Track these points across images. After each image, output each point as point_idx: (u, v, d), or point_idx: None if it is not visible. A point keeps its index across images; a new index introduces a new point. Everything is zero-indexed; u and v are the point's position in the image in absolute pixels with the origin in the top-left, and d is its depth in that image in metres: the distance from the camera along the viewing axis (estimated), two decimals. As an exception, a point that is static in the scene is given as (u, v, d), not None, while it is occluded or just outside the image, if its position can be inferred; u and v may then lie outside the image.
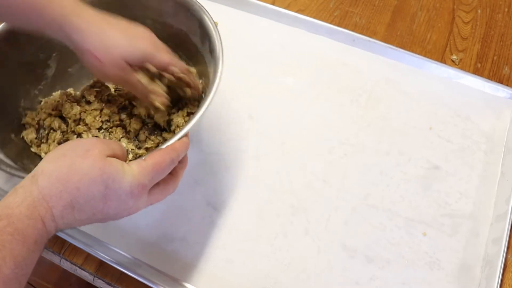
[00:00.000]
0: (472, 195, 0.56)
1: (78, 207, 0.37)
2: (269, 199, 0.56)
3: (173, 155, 0.42)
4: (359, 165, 0.59)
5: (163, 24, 0.57)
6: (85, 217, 0.38)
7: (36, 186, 0.35)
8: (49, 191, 0.36)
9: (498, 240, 0.52)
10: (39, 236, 0.35)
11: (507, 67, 0.68)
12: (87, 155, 0.37)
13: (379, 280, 0.51)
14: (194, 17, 0.54)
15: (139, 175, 0.39)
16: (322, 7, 0.75)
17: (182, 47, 0.58)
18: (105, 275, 0.53)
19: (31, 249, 0.34)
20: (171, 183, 0.44)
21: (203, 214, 0.55)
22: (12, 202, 0.34)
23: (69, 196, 0.36)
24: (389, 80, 0.65)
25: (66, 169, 0.37)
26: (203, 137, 0.61)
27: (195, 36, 0.55)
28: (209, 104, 0.46)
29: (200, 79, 0.57)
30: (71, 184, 0.36)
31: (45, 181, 0.36)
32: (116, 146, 0.41)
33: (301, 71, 0.67)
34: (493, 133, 0.61)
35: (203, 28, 0.53)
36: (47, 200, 0.35)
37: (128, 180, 0.38)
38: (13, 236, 0.33)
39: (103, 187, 0.37)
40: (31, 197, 0.35)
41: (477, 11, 0.74)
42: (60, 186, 0.36)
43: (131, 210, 0.40)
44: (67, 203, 0.36)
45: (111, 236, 0.54)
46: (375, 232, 0.54)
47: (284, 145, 0.60)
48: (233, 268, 0.52)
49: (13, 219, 0.33)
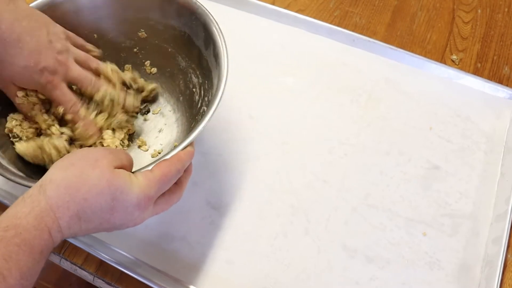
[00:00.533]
0: (472, 195, 0.56)
1: (85, 218, 0.37)
2: (269, 199, 0.56)
3: (179, 166, 0.42)
4: (359, 165, 0.59)
5: (166, 25, 0.57)
6: (91, 227, 0.38)
7: (44, 196, 0.36)
8: (57, 201, 0.36)
9: (498, 240, 0.52)
10: (45, 247, 0.35)
11: (507, 67, 0.68)
12: (96, 165, 0.38)
13: (379, 280, 0.51)
14: (198, 21, 0.54)
15: (146, 188, 0.39)
16: (322, 7, 0.75)
17: (185, 50, 0.58)
18: (105, 275, 0.53)
19: (36, 259, 0.34)
20: (176, 192, 0.44)
21: (203, 214, 0.55)
22: (20, 212, 0.34)
23: (77, 207, 0.36)
24: (389, 80, 0.65)
25: (75, 178, 0.37)
26: (203, 137, 0.61)
27: (199, 39, 0.55)
28: (214, 111, 0.46)
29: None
30: (79, 194, 0.36)
31: (53, 190, 0.36)
32: (124, 156, 0.41)
33: (301, 71, 0.67)
34: (493, 133, 0.61)
35: (207, 32, 0.53)
36: (54, 211, 0.35)
37: (135, 192, 0.38)
38: (20, 247, 0.33)
39: (111, 199, 0.37)
40: (38, 207, 0.35)
41: (477, 11, 0.74)
42: (68, 197, 0.36)
43: (137, 221, 0.41)
44: (74, 214, 0.36)
45: (111, 236, 0.54)
46: (375, 232, 0.54)
47: (284, 145, 0.60)
48: (233, 268, 0.52)
49: (20, 229, 0.33)
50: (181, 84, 0.60)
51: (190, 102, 0.59)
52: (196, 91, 0.58)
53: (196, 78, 0.58)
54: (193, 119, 0.57)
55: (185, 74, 0.60)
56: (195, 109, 0.58)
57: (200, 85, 0.57)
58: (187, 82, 0.60)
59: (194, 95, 0.58)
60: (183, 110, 0.60)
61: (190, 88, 0.59)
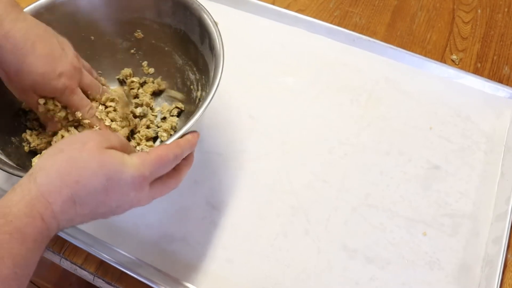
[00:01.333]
0: (472, 195, 0.56)
1: (80, 201, 0.37)
2: (269, 199, 0.56)
3: (176, 151, 0.42)
4: (359, 165, 0.59)
5: (161, 24, 0.57)
6: (87, 211, 0.38)
7: (34, 184, 0.35)
8: (48, 187, 0.35)
9: (498, 240, 0.52)
10: (39, 235, 0.34)
11: (507, 67, 0.68)
12: (84, 149, 0.37)
13: (379, 280, 0.51)
14: (193, 16, 0.53)
15: (140, 166, 0.39)
16: (322, 7, 0.75)
17: (181, 47, 0.58)
18: (105, 275, 0.53)
19: (30, 248, 0.34)
20: (174, 177, 0.43)
21: (203, 214, 0.55)
22: (10, 201, 0.34)
23: (70, 190, 0.36)
24: (389, 80, 0.65)
25: (64, 163, 0.36)
26: (203, 137, 0.61)
27: (194, 34, 0.55)
28: (210, 100, 0.46)
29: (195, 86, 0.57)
30: (71, 178, 0.36)
31: (44, 177, 0.36)
32: (114, 138, 0.41)
33: (301, 71, 0.67)
34: (493, 133, 0.61)
35: (202, 26, 0.52)
36: (46, 197, 0.35)
37: (129, 172, 0.38)
38: (11, 235, 0.32)
39: (105, 179, 0.37)
40: (29, 195, 0.35)
41: (477, 11, 0.74)
42: (59, 181, 0.36)
43: (133, 203, 0.40)
44: (67, 198, 0.36)
45: (112, 236, 0.54)
46: (375, 232, 0.54)
47: (284, 145, 0.60)
48: (233, 268, 0.52)
49: (11, 217, 0.33)
50: (179, 82, 0.61)
51: (188, 99, 0.59)
52: (193, 87, 0.58)
53: (193, 74, 0.58)
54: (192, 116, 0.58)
55: (182, 72, 0.60)
56: (193, 106, 0.58)
57: (197, 81, 0.57)
58: (184, 79, 0.60)
59: (192, 92, 0.58)
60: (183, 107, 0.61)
61: (187, 85, 0.59)
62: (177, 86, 0.61)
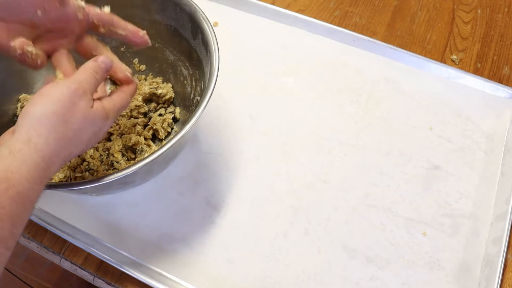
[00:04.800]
0: (472, 195, 0.56)
1: (72, 156, 0.40)
2: (269, 199, 0.56)
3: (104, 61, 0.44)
4: (359, 165, 0.59)
5: (150, 21, 0.57)
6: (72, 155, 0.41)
7: (35, 150, 0.37)
8: (48, 152, 0.37)
9: (498, 240, 0.52)
10: (36, 197, 0.37)
11: (507, 67, 0.68)
12: (76, 111, 0.39)
13: (379, 280, 0.51)
14: (183, 12, 0.53)
15: (72, 81, 0.41)
16: (322, 7, 0.75)
17: (172, 43, 0.58)
18: (105, 275, 0.53)
19: (28, 209, 0.36)
20: (124, 91, 0.46)
21: (203, 214, 0.55)
22: (11, 166, 0.35)
23: (66, 151, 0.39)
24: (389, 80, 0.66)
25: (61, 127, 0.38)
26: (203, 137, 0.61)
27: (186, 30, 0.55)
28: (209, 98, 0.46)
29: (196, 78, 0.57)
30: (66, 140, 0.39)
31: (44, 145, 0.37)
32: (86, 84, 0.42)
33: (301, 71, 0.67)
34: (493, 133, 0.61)
35: (194, 21, 0.52)
36: (47, 161, 0.37)
37: (66, 86, 0.39)
38: (13, 199, 0.34)
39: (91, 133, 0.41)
40: (30, 161, 0.36)
41: (477, 11, 0.74)
42: (58, 146, 0.38)
43: (90, 114, 0.41)
44: (64, 157, 0.39)
45: (112, 236, 0.54)
46: (375, 232, 0.54)
47: (284, 145, 0.60)
48: (233, 268, 0.52)
49: (14, 182, 0.34)
50: (171, 78, 0.61)
51: (183, 95, 0.59)
52: (187, 82, 0.58)
53: (186, 70, 0.58)
54: (187, 110, 0.58)
55: (175, 68, 0.60)
56: (188, 101, 0.58)
57: (191, 76, 0.57)
58: (177, 75, 0.60)
59: (186, 87, 0.58)
60: (176, 103, 0.61)
61: (181, 80, 0.59)
62: (169, 82, 0.61)
